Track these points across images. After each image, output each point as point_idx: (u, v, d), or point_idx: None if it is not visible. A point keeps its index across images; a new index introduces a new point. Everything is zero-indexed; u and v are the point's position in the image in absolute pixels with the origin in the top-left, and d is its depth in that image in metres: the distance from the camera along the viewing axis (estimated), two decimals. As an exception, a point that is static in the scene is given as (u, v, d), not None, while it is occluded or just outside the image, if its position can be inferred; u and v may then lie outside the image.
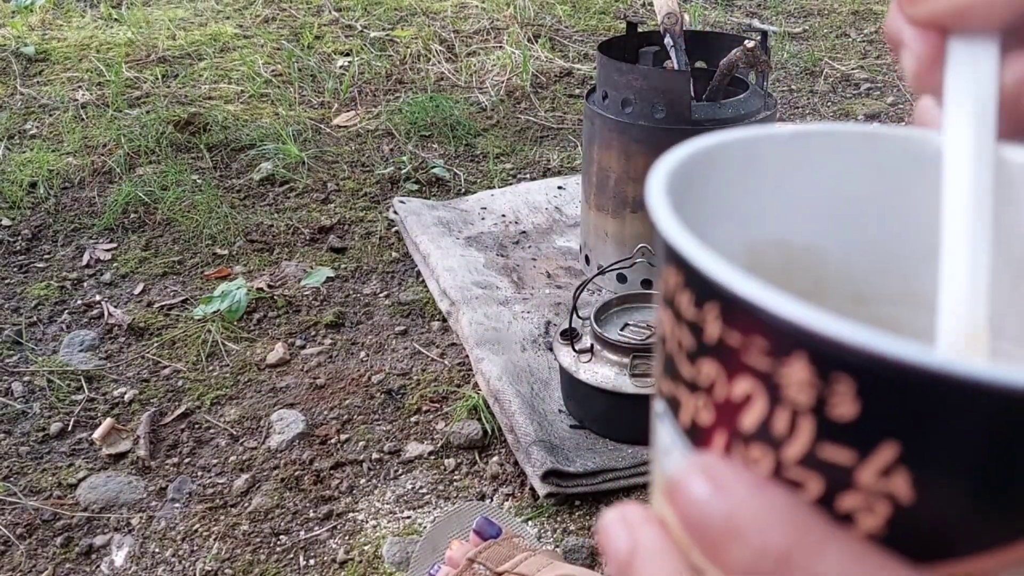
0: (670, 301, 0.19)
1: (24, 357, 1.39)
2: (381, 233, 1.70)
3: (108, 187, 1.87)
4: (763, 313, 0.16)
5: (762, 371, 0.17)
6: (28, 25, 2.77)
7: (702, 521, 0.18)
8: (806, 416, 0.16)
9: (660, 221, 0.19)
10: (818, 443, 0.16)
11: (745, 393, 0.17)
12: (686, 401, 0.19)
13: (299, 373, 1.35)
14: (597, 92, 1.43)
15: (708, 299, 0.18)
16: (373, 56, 2.52)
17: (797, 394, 0.16)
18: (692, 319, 0.18)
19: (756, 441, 0.18)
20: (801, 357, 0.16)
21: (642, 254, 1.25)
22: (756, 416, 0.17)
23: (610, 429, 1.18)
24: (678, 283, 0.19)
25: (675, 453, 0.20)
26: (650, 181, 0.21)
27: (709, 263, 0.18)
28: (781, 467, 0.17)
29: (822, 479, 0.17)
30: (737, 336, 0.17)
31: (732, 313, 0.17)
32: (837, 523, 0.17)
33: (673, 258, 0.19)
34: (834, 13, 2.96)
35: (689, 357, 0.19)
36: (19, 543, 1.07)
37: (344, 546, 1.07)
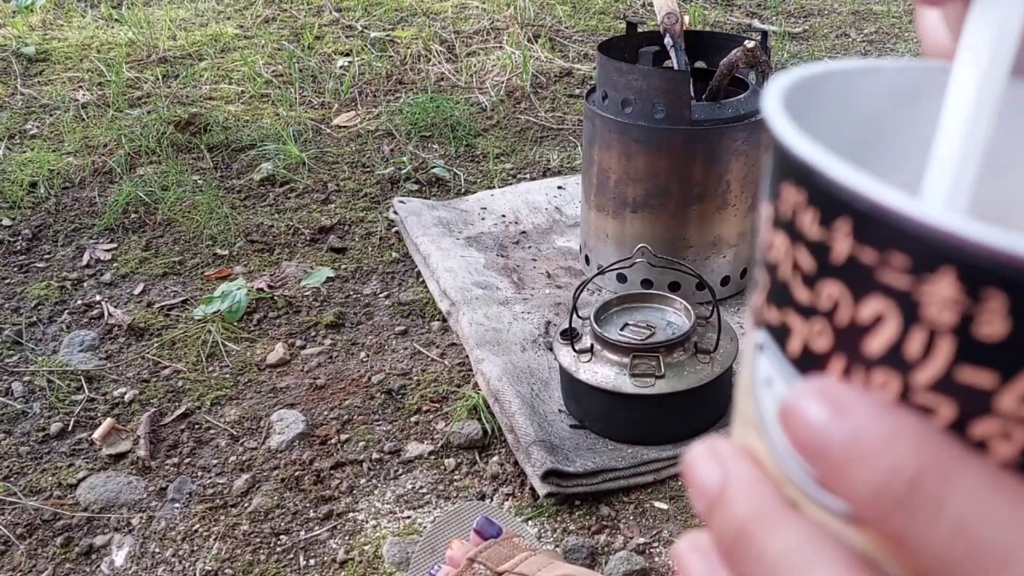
0: (787, 223, 0.18)
1: (24, 357, 1.39)
2: (381, 233, 1.70)
3: (108, 187, 1.87)
4: (911, 225, 0.15)
5: (899, 289, 0.16)
6: (29, 25, 2.77)
7: (821, 444, 0.17)
8: (946, 336, 0.15)
9: (783, 133, 0.18)
10: (956, 365, 0.16)
11: (875, 314, 0.16)
12: (798, 328, 0.18)
13: (299, 373, 1.35)
14: (597, 92, 1.43)
15: (839, 215, 0.17)
16: (373, 56, 2.52)
17: (939, 313, 0.15)
18: (816, 238, 0.17)
19: (882, 365, 0.17)
20: (948, 272, 0.15)
21: (642, 254, 1.25)
22: (885, 338, 0.16)
23: (610, 429, 1.18)
24: (799, 201, 0.18)
25: (779, 384, 0.19)
26: (765, 97, 0.20)
27: (848, 174, 0.16)
28: (909, 392, 0.16)
29: (956, 404, 0.16)
30: (872, 253, 0.16)
31: (869, 228, 0.16)
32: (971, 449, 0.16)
33: (795, 174, 0.18)
34: (834, 13, 2.96)
35: (807, 280, 0.18)
36: (19, 543, 1.08)
37: (344, 546, 1.07)
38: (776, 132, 0.19)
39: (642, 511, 1.10)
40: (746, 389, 0.21)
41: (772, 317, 0.19)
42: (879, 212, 0.16)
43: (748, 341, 0.21)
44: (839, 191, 0.17)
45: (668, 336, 1.17)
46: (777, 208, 0.19)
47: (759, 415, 0.20)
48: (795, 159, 0.18)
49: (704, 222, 1.40)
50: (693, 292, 1.40)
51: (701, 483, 0.20)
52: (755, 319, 0.20)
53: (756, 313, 0.20)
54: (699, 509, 0.20)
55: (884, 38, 2.75)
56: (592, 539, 1.06)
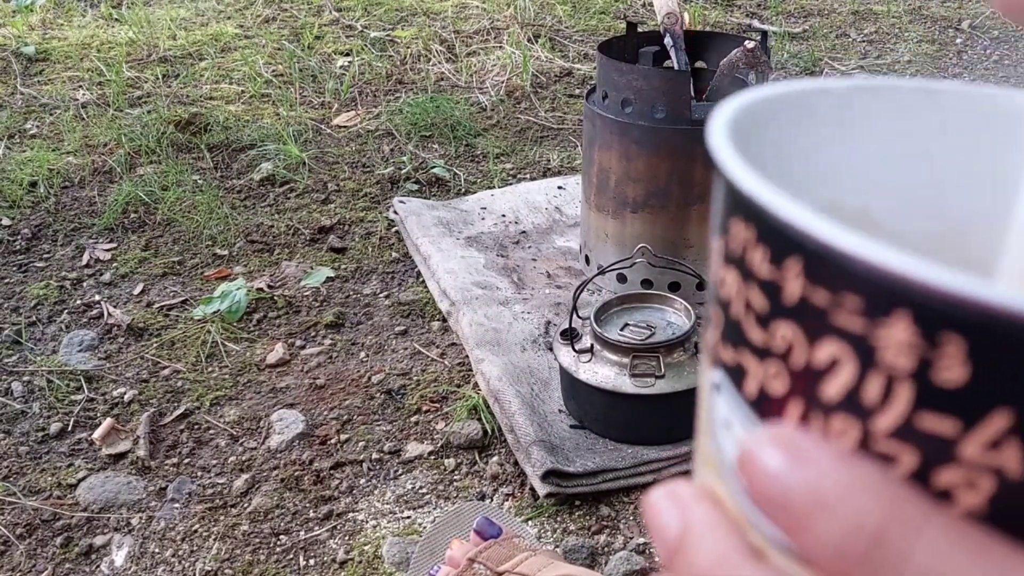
0: (737, 260, 0.18)
1: (23, 357, 1.39)
2: (381, 233, 1.70)
3: (108, 187, 1.87)
4: (862, 267, 0.15)
5: (854, 333, 0.15)
6: (28, 25, 2.77)
7: (780, 494, 0.16)
8: (904, 382, 0.15)
9: (730, 168, 0.17)
10: (916, 412, 0.15)
11: (830, 358, 0.16)
12: (753, 369, 0.17)
13: (299, 373, 1.35)
14: (597, 92, 1.43)
15: (789, 254, 0.16)
16: (373, 56, 2.52)
17: (895, 357, 0.15)
18: (767, 278, 0.17)
19: (840, 411, 0.16)
20: (904, 316, 0.14)
21: (642, 254, 1.25)
22: (842, 383, 0.16)
23: (610, 429, 1.18)
24: (749, 238, 0.17)
25: (737, 427, 0.18)
26: (711, 127, 0.19)
27: (795, 212, 0.16)
28: (869, 439, 0.16)
29: (918, 452, 0.15)
30: (825, 295, 0.15)
31: (820, 268, 0.15)
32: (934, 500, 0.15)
33: (744, 210, 0.17)
34: (834, 13, 2.96)
35: (760, 320, 0.17)
36: (19, 543, 1.07)
37: (344, 546, 1.07)
38: (721, 165, 0.18)
39: (642, 511, 1.10)
40: (705, 428, 0.20)
41: (727, 356, 0.19)
42: (829, 252, 0.15)
43: (704, 378, 0.20)
44: (787, 230, 0.16)
45: (668, 336, 1.17)
46: (727, 243, 0.18)
47: (719, 457, 0.19)
48: (741, 194, 0.17)
49: (704, 222, 1.39)
50: (693, 292, 1.40)
51: (661, 530, 0.19)
52: (710, 357, 0.20)
53: (711, 351, 0.20)
54: (661, 555, 0.19)
55: (884, 38, 2.75)
56: (592, 539, 1.06)
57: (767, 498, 0.16)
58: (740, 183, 0.17)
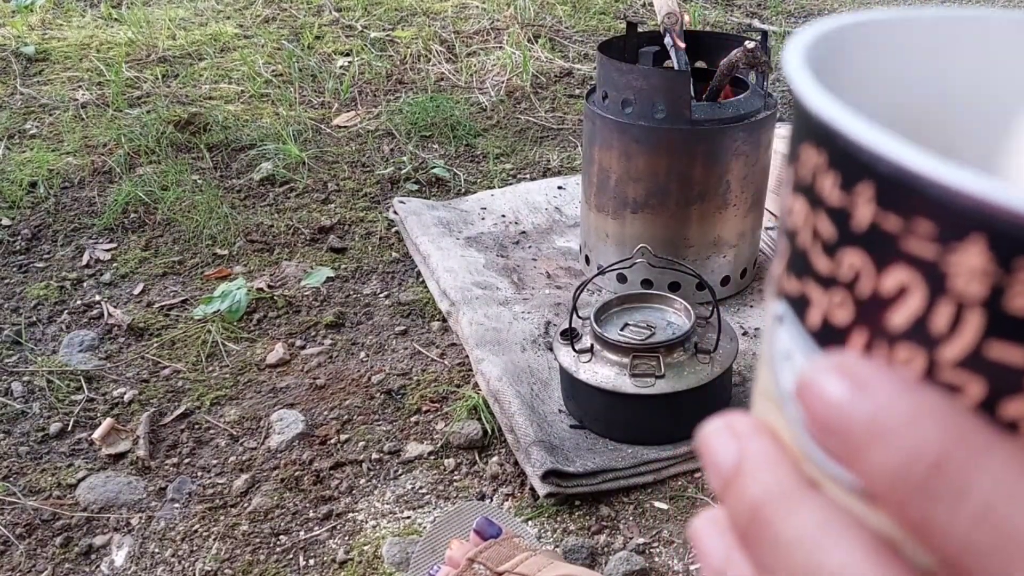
0: (806, 187, 0.17)
1: (24, 357, 1.39)
2: (381, 233, 1.70)
3: (108, 187, 1.87)
4: (937, 189, 0.14)
5: (925, 259, 0.15)
6: (28, 25, 2.77)
7: (839, 423, 0.16)
8: (974, 310, 0.14)
9: (804, 91, 0.17)
10: (986, 341, 0.15)
11: (899, 285, 0.15)
12: (818, 299, 0.17)
13: (299, 373, 1.35)
14: (597, 92, 1.43)
15: (861, 179, 0.16)
16: (373, 56, 2.52)
17: (967, 285, 0.14)
18: (837, 204, 0.16)
19: (906, 340, 0.16)
20: (978, 241, 0.14)
21: (642, 254, 1.25)
22: (910, 312, 0.15)
23: (610, 429, 1.18)
24: (820, 164, 0.17)
25: (797, 357, 0.18)
26: (787, 52, 0.19)
27: (870, 134, 0.15)
28: (935, 368, 0.15)
29: (985, 382, 0.15)
30: (896, 220, 0.15)
31: (893, 193, 0.15)
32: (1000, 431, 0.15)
33: (815, 134, 0.17)
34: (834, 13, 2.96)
35: (827, 249, 0.17)
36: (19, 543, 1.07)
37: (344, 546, 1.07)
38: (795, 88, 0.18)
39: (642, 511, 1.10)
40: (766, 361, 0.20)
41: (791, 287, 0.18)
42: (902, 176, 0.15)
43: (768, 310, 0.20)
44: (860, 153, 0.16)
45: (668, 336, 1.17)
46: (797, 171, 0.18)
47: (778, 389, 0.19)
48: (814, 118, 0.17)
49: (704, 222, 1.39)
50: (693, 292, 1.40)
51: (716, 460, 0.19)
52: (775, 289, 0.19)
53: (776, 283, 0.19)
54: (714, 487, 0.19)
55: None
56: (592, 539, 1.06)
57: (826, 426, 0.16)
58: (812, 105, 0.17)
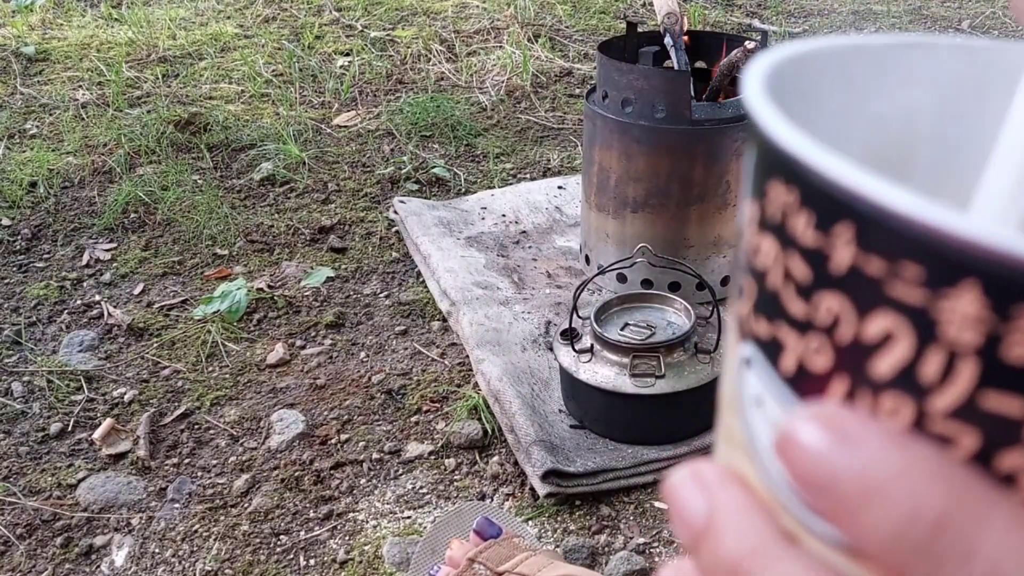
0: (776, 226, 0.16)
1: (24, 357, 1.39)
2: (381, 233, 1.70)
3: (108, 187, 1.87)
4: (926, 232, 0.13)
5: (912, 305, 0.14)
6: (28, 25, 2.77)
7: (825, 479, 0.15)
8: (968, 359, 0.14)
9: (769, 125, 0.16)
10: (980, 391, 0.14)
11: (883, 332, 0.14)
12: (792, 344, 0.16)
13: (299, 373, 1.35)
14: (597, 92, 1.43)
15: (839, 219, 0.15)
16: (374, 56, 2.52)
17: (960, 332, 0.14)
18: (812, 245, 0.15)
19: (892, 389, 0.15)
20: (972, 287, 0.13)
21: (642, 254, 1.25)
22: (896, 359, 0.14)
23: (610, 429, 1.18)
24: (790, 202, 0.16)
25: (770, 404, 0.17)
26: (746, 81, 0.18)
27: (847, 171, 0.14)
28: (925, 419, 0.14)
29: (979, 434, 0.14)
30: (879, 264, 0.14)
31: (875, 235, 0.14)
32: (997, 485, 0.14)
33: (784, 171, 0.16)
34: (834, 13, 2.96)
35: (801, 292, 0.16)
36: (19, 543, 1.07)
37: (344, 546, 1.07)
38: (758, 121, 0.16)
39: (642, 511, 1.10)
40: (731, 405, 0.19)
41: (761, 329, 0.17)
42: (886, 217, 0.14)
43: (732, 352, 0.19)
44: (837, 192, 0.14)
45: (668, 336, 1.17)
46: (763, 208, 0.17)
47: (748, 436, 0.18)
48: (782, 153, 0.16)
49: (704, 222, 1.39)
50: (693, 292, 1.40)
51: (685, 513, 0.17)
52: (740, 330, 0.18)
53: (742, 323, 0.18)
54: (684, 542, 0.18)
55: None
56: (592, 539, 1.06)
57: (811, 483, 0.15)
58: (782, 141, 0.16)
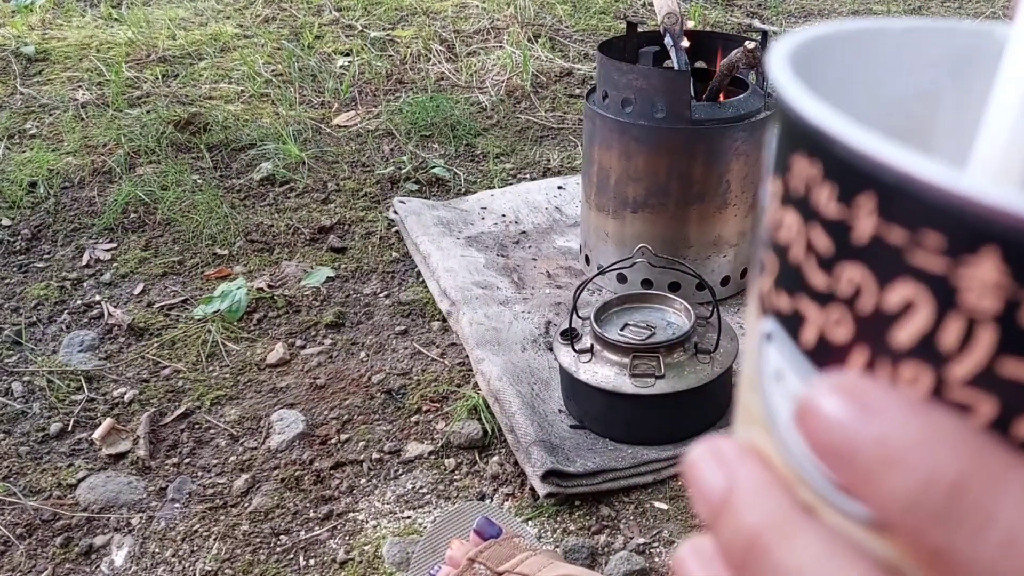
0: (799, 199, 0.16)
1: (24, 357, 1.39)
2: (381, 233, 1.70)
3: (108, 187, 1.87)
4: (947, 200, 0.14)
5: (933, 273, 0.14)
6: (28, 25, 2.77)
7: (846, 447, 0.15)
8: (987, 325, 0.14)
9: (794, 98, 0.16)
10: (999, 358, 0.14)
11: (904, 301, 0.15)
12: (813, 316, 0.16)
13: (299, 373, 1.35)
14: (597, 92, 1.43)
15: (862, 190, 0.15)
16: (373, 56, 2.52)
17: (980, 299, 0.14)
18: (834, 217, 0.16)
19: (911, 358, 0.15)
20: (992, 253, 0.13)
21: (642, 254, 1.25)
22: (916, 328, 0.15)
23: (610, 429, 1.18)
24: (814, 175, 0.16)
25: (790, 378, 0.17)
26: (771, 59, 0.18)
27: (871, 142, 0.14)
28: (943, 387, 0.15)
29: (997, 401, 0.14)
30: (901, 233, 0.14)
31: (898, 204, 0.14)
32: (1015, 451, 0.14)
33: (808, 144, 0.16)
34: (834, 13, 2.96)
35: (823, 264, 0.16)
36: (19, 543, 1.07)
37: (344, 546, 1.07)
38: (783, 96, 0.17)
39: (642, 511, 1.10)
40: (751, 382, 0.19)
41: (782, 304, 0.17)
42: (909, 185, 0.14)
43: (752, 329, 0.19)
44: (861, 162, 0.15)
45: (668, 336, 1.17)
46: (787, 183, 0.17)
47: (767, 411, 0.18)
48: (807, 126, 0.16)
49: (704, 222, 1.39)
50: (693, 292, 1.40)
51: (704, 488, 0.18)
52: (761, 306, 0.18)
53: (763, 299, 0.18)
54: (703, 516, 0.18)
55: None
56: (592, 539, 1.06)
57: (831, 451, 0.15)
58: (806, 114, 0.16)
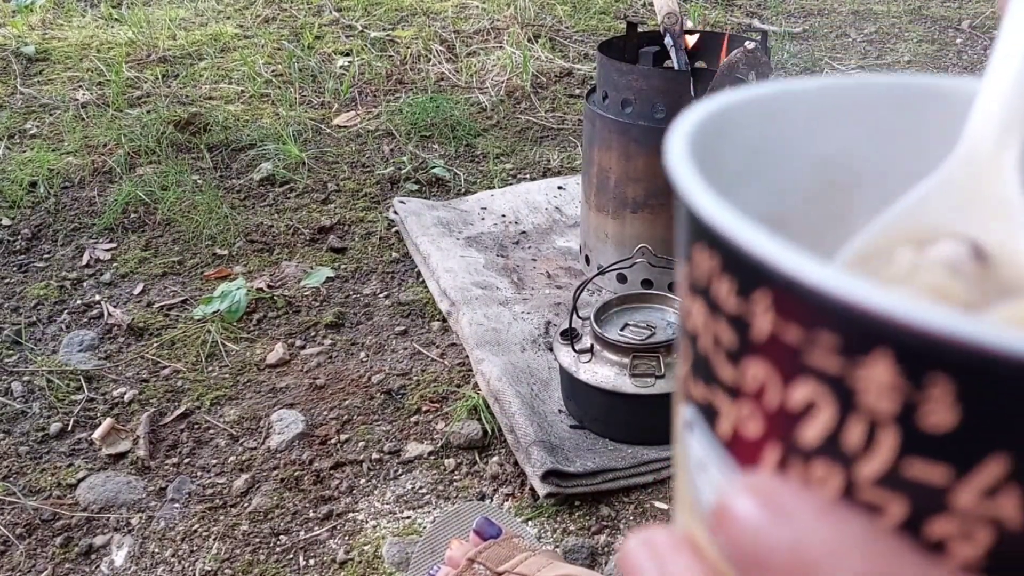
0: (702, 289, 0.16)
1: (24, 357, 1.39)
2: (381, 233, 1.70)
3: (108, 187, 1.87)
4: (837, 303, 0.13)
5: (830, 373, 0.14)
6: (28, 25, 2.77)
7: (760, 552, 0.15)
8: (888, 427, 0.14)
9: (688, 190, 0.16)
10: (903, 459, 0.14)
11: (806, 400, 0.14)
12: (726, 409, 0.16)
13: (299, 373, 1.35)
14: (597, 92, 1.43)
15: (757, 286, 0.15)
16: (373, 56, 2.52)
17: (877, 401, 0.13)
18: (734, 311, 0.15)
19: (821, 457, 0.15)
20: (885, 356, 0.13)
21: (642, 254, 1.25)
22: (821, 427, 0.14)
23: (610, 429, 1.18)
24: (714, 267, 0.16)
25: (712, 470, 0.17)
26: (669, 143, 0.18)
27: (762, 242, 0.14)
28: (854, 488, 0.14)
29: (907, 501, 0.14)
30: (797, 332, 0.14)
31: (792, 304, 0.14)
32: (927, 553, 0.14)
33: (706, 236, 0.16)
34: (834, 13, 2.96)
35: (730, 357, 0.16)
36: (19, 543, 1.07)
37: (344, 546, 1.07)
38: (679, 188, 0.16)
39: (642, 511, 1.10)
40: (681, 467, 0.18)
41: (698, 393, 0.17)
42: (800, 286, 0.14)
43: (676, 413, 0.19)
44: (755, 261, 0.14)
45: (668, 336, 1.17)
46: (691, 272, 0.17)
47: (696, 499, 0.17)
48: (701, 220, 0.15)
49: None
50: (693, 292, 1.39)
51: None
52: (681, 392, 0.18)
53: (682, 385, 0.18)
54: None
55: (884, 38, 2.75)
56: (592, 539, 1.06)
57: (746, 556, 0.15)
58: (699, 207, 0.15)
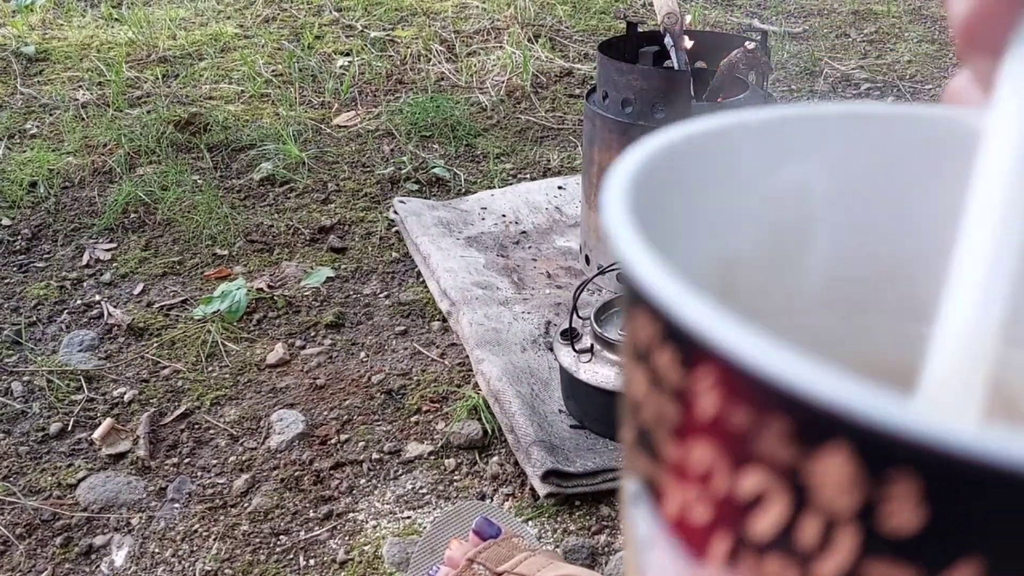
0: (644, 356, 0.14)
1: (24, 357, 1.39)
2: (381, 233, 1.70)
3: (108, 187, 1.87)
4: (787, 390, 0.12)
5: (782, 463, 0.12)
6: (29, 24, 2.77)
7: None
8: (846, 525, 0.12)
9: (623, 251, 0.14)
10: (865, 559, 0.12)
11: (757, 490, 0.13)
12: (671, 490, 0.14)
13: (299, 373, 1.35)
14: (597, 92, 1.43)
15: (702, 361, 0.13)
16: (373, 56, 2.52)
17: (833, 497, 0.12)
18: (677, 385, 0.13)
19: (774, 551, 0.13)
20: (841, 448, 0.11)
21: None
22: (773, 521, 0.13)
23: (610, 429, 1.18)
24: (654, 335, 0.14)
25: (658, 552, 0.15)
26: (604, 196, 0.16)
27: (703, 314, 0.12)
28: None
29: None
30: (745, 414, 0.12)
31: (739, 382, 0.12)
32: None
33: (646, 301, 0.14)
34: (834, 13, 2.96)
35: (674, 434, 0.14)
36: (19, 543, 1.07)
37: (344, 546, 1.07)
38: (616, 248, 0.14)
39: None
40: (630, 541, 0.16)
41: (642, 467, 0.15)
42: (746, 366, 0.12)
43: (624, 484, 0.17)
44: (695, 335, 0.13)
45: (668, 336, 1.16)
46: (633, 336, 0.15)
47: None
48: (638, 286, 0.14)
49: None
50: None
51: None
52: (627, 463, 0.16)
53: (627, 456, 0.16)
54: None
55: (884, 38, 2.75)
56: (592, 539, 1.06)
57: None
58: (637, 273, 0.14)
